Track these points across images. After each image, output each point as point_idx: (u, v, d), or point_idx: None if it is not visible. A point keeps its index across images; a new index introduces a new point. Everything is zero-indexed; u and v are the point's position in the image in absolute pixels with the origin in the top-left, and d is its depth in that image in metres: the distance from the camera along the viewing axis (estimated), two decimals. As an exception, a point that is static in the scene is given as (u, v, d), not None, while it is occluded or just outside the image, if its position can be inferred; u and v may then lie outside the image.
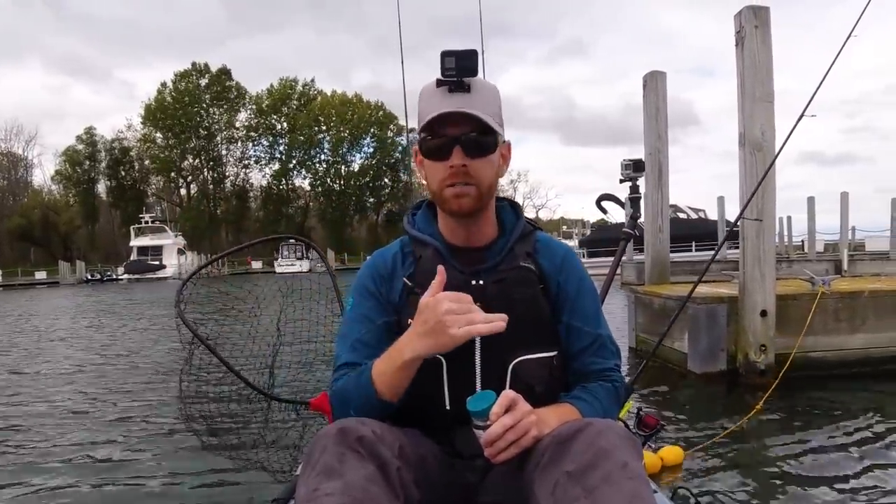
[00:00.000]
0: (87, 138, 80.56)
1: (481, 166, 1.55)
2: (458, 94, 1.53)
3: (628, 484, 1.20)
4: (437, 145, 1.56)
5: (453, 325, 1.35)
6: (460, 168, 1.53)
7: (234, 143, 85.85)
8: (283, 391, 3.10)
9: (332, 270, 3.19)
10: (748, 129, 6.44)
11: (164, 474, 4.41)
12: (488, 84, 1.60)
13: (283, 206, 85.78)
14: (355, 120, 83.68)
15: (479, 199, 1.57)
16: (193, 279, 3.04)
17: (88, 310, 22.37)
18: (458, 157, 1.53)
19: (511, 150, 1.68)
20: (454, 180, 1.55)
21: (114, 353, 10.76)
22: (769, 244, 6.56)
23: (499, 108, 1.60)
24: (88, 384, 7.90)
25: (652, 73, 8.88)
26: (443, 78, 1.53)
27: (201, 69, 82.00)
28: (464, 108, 1.51)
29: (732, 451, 4.52)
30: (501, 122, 1.60)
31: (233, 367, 2.84)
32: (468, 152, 1.53)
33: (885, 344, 6.83)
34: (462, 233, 1.65)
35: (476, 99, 1.54)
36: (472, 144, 1.53)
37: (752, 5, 6.34)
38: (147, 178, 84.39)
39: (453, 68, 1.52)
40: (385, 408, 1.50)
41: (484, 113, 1.53)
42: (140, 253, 62.80)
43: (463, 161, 1.53)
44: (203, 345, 2.79)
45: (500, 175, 1.64)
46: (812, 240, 19.13)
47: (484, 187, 1.57)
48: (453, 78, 1.52)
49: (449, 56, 1.51)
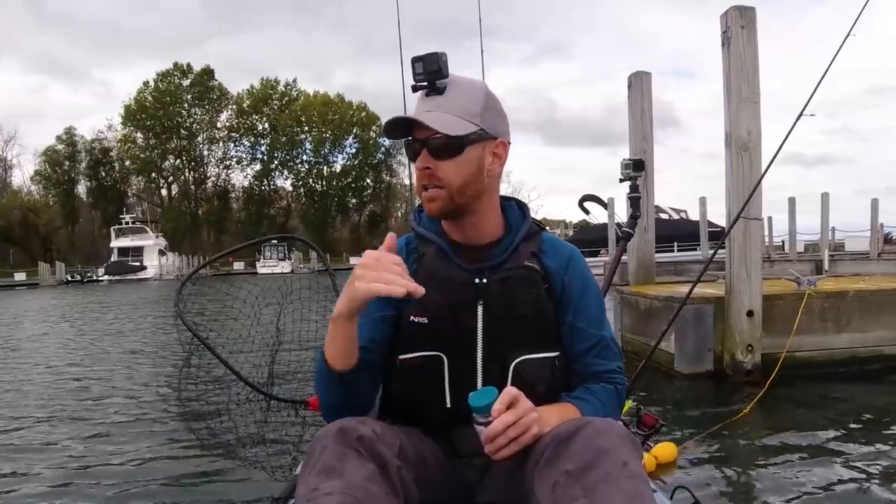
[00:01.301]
0: (66, 138, 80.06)
1: (450, 168, 1.55)
2: (431, 97, 1.56)
3: (628, 483, 1.20)
4: (409, 150, 1.60)
5: (360, 279, 1.34)
6: (425, 171, 1.56)
7: (215, 144, 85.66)
8: (283, 390, 3.09)
9: (332, 270, 3.16)
10: (734, 129, 6.44)
11: (163, 474, 4.38)
12: (468, 82, 1.59)
13: (264, 206, 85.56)
14: (337, 120, 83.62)
15: (449, 200, 1.57)
16: (192, 279, 2.99)
17: (72, 311, 22.16)
18: (424, 159, 1.55)
19: (506, 147, 1.64)
20: (423, 182, 1.58)
21: (107, 354, 10.65)
22: (756, 244, 6.57)
23: (478, 105, 1.57)
24: (84, 386, 7.81)
25: (637, 73, 8.89)
26: (414, 83, 1.56)
27: (183, 69, 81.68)
28: (430, 112, 1.54)
29: (725, 450, 4.52)
30: (485, 120, 1.58)
31: (232, 367, 2.85)
32: (434, 155, 1.54)
33: (871, 343, 6.86)
34: (458, 232, 1.65)
35: (448, 100, 1.55)
36: (437, 147, 1.54)
37: (739, 5, 6.35)
38: (128, 179, 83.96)
39: (422, 73, 1.54)
40: (339, 380, 1.49)
41: (451, 114, 1.53)
42: (120, 254, 62.46)
43: (428, 164, 1.55)
44: (202, 344, 2.78)
45: (490, 174, 1.61)
46: (793, 240, 19.27)
47: (454, 189, 1.56)
48: (423, 82, 1.55)
49: (417, 61, 1.54)
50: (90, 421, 5.94)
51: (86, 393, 7.33)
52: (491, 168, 1.60)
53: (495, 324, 1.58)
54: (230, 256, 55.48)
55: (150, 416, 6.02)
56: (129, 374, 8.54)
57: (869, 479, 3.89)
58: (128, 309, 22.10)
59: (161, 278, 58.04)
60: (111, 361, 9.76)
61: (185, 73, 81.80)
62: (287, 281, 3.31)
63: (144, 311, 20.38)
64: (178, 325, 2.81)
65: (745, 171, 6.38)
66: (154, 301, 26.47)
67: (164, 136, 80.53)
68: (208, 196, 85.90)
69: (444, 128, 1.52)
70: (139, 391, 7.28)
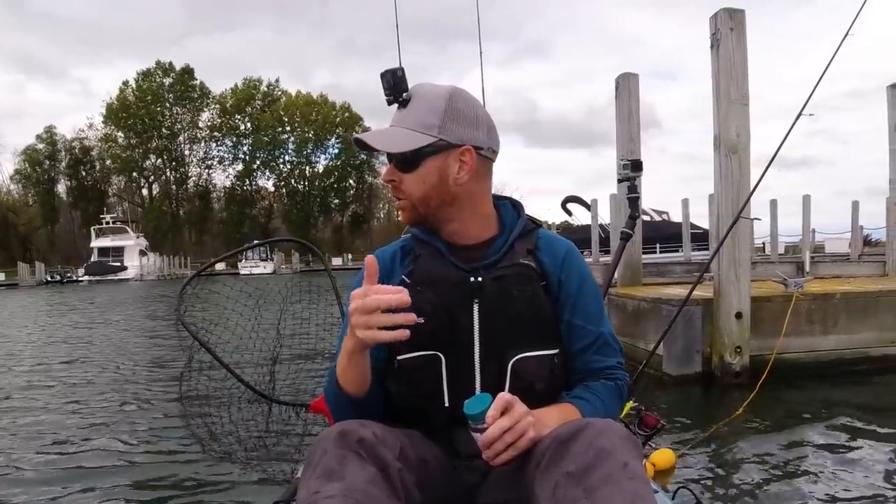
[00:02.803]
0: (47, 137, 79.75)
1: (411, 181, 1.59)
2: (399, 109, 1.60)
3: (629, 484, 1.19)
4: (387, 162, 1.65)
5: (360, 328, 1.33)
6: (391, 183, 1.63)
7: (197, 143, 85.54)
8: (284, 393, 3.09)
9: (332, 272, 3.14)
10: (723, 130, 6.46)
11: (164, 477, 4.38)
12: (431, 93, 1.59)
13: (246, 207, 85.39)
14: (320, 121, 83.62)
15: (414, 211, 1.62)
16: (193, 283, 2.96)
17: (59, 311, 22.01)
18: (390, 172, 1.62)
19: (473, 154, 1.59)
20: (391, 194, 1.67)
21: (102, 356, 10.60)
22: (745, 246, 6.60)
23: (438, 115, 1.55)
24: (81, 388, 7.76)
25: (624, 74, 8.92)
26: (386, 97, 1.59)
27: (165, 68, 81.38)
28: (394, 126, 1.59)
29: (721, 451, 4.55)
30: (445, 130, 1.56)
31: (233, 370, 2.84)
32: (399, 168, 1.60)
33: (857, 345, 6.92)
34: (452, 233, 1.65)
35: (409, 112, 1.58)
36: (398, 161, 1.59)
37: (729, 7, 6.37)
38: (108, 178, 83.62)
39: (386, 88, 1.58)
40: (354, 403, 1.51)
41: (408, 128, 1.56)
42: (101, 254, 62.02)
43: (392, 176, 1.61)
44: (203, 348, 2.78)
45: (459, 182, 1.59)
46: (775, 242, 19.35)
47: (414, 200, 1.60)
48: (390, 97, 1.58)
49: (383, 76, 1.57)
50: (88, 424, 5.90)
51: (83, 396, 7.26)
52: (458, 177, 1.59)
53: (491, 322, 1.56)
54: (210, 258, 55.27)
55: (150, 419, 6.00)
56: (128, 376, 8.49)
57: (863, 477, 3.95)
58: (117, 309, 22.02)
59: (142, 279, 57.75)
60: (106, 363, 9.69)
61: (166, 71, 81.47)
62: (287, 283, 3.30)
63: (128, 312, 20.28)
64: (178, 328, 2.80)
65: (735, 173, 6.39)
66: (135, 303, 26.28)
67: (145, 136, 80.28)
68: (189, 196, 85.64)
69: (393, 146, 1.57)
70: (138, 394, 7.25)
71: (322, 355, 3.22)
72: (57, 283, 55.69)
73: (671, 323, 4.66)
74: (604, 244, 16.91)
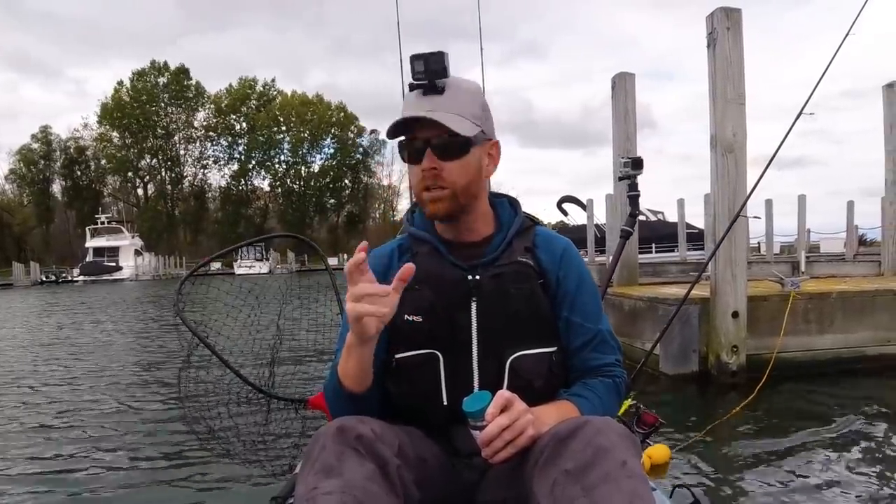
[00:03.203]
0: (42, 137, 79.68)
1: (454, 169, 1.55)
2: (430, 96, 1.54)
3: (627, 482, 1.20)
4: (410, 149, 1.57)
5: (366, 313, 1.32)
6: (431, 171, 1.54)
7: (192, 143, 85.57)
8: (283, 389, 3.08)
9: (331, 269, 3.13)
10: (720, 130, 6.45)
11: (162, 473, 4.39)
12: (466, 83, 1.59)
13: (241, 206, 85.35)
14: (315, 121, 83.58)
15: (453, 201, 1.57)
16: (192, 278, 2.96)
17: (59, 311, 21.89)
18: (429, 160, 1.54)
19: (500, 149, 1.67)
20: (427, 183, 1.56)
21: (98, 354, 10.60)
22: (741, 245, 6.60)
23: (479, 107, 1.58)
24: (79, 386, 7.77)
25: (621, 74, 8.89)
26: (413, 81, 1.55)
27: (160, 68, 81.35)
28: (432, 111, 1.50)
29: (718, 450, 4.56)
30: (484, 121, 1.59)
31: (232, 366, 2.85)
32: (439, 155, 1.53)
33: (853, 344, 6.92)
34: (452, 231, 1.65)
35: (448, 100, 1.54)
36: (442, 147, 1.53)
37: (725, 7, 6.36)
38: (103, 178, 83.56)
39: (423, 71, 1.53)
40: (355, 400, 1.49)
41: (456, 114, 1.52)
42: (96, 254, 61.87)
43: (434, 164, 1.54)
44: (202, 343, 2.78)
45: (486, 175, 1.63)
46: (770, 242, 19.35)
47: (458, 189, 1.56)
48: (423, 81, 1.53)
49: (417, 59, 1.52)
50: (87, 422, 5.91)
51: (81, 393, 7.28)
52: (487, 169, 1.62)
53: (489, 320, 1.57)
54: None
55: (148, 415, 6.01)
56: (126, 374, 8.49)
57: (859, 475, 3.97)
58: (112, 309, 21.98)
59: (137, 279, 57.59)
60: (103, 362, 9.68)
61: (161, 71, 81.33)
62: (287, 281, 3.29)
63: (133, 312, 20.23)
64: (177, 324, 2.81)
65: (731, 173, 6.39)
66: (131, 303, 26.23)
67: (140, 135, 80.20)
68: (185, 196, 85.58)
69: (458, 127, 1.51)
70: (136, 391, 7.25)
71: (321, 353, 3.22)
72: (52, 283, 55.46)
73: (669, 322, 4.65)
74: (600, 244, 16.93)
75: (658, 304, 7.07)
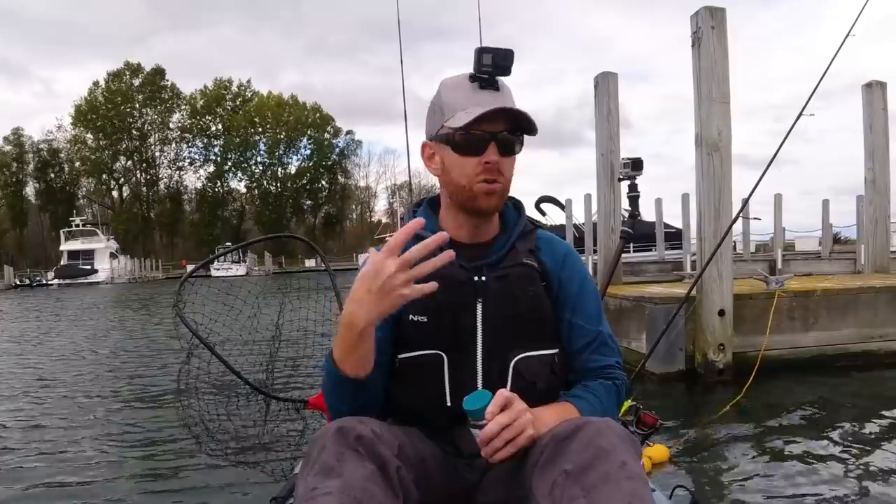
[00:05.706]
0: (14, 139, 78.59)
1: (509, 165, 1.56)
2: (489, 90, 1.53)
3: (627, 483, 1.19)
4: (473, 140, 1.52)
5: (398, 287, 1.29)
6: (495, 165, 1.52)
7: (167, 145, 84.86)
8: (282, 390, 3.11)
9: (331, 269, 3.11)
10: (705, 129, 6.49)
11: (162, 474, 4.42)
12: (508, 85, 1.60)
13: (218, 208, 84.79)
14: (292, 122, 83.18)
15: (503, 196, 1.59)
16: (191, 279, 2.93)
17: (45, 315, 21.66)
18: (493, 153, 1.52)
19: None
20: (487, 176, 1.53)
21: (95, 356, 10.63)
22: (727, 244, 6.63)
23: None
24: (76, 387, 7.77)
25: (603, 74, 8.93)
26: (478, 74, 1.52)
27: (134, 68, 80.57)
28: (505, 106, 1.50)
29: (713, 448, 4.61)
30: None
31: (232, 367, 2.82)
32: (502, 150, 1.53)
33: (837, 342, 7.00)
34: (469, 229, 1.63)
35: (508, 98, 1.54)
36: (506, 142, 1.53)
37: (710, 6, 6.39)
38: (77, 181, 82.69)
39: (489, 65, 1.51)
40: (358, 387, 1.45)
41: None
42: (71, 257, 61.15)
43: (496, 158, 1.52)
44: (202, 344, 2.76)
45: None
46: (746, 240, 19.52)
47: (508, 186, 1.58)
48: (485, 75, 1.52)
49: (487, 53, 1.51)
50: (85, 422, 5.92)
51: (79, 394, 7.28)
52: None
53: (494, 322, 1.56)
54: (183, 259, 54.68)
55: (148, 416, 6.01)
56: (123, 375, 8.49)
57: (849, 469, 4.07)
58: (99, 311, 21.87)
59: (113, 282, 57.08)
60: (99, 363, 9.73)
61: (135, 72, 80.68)
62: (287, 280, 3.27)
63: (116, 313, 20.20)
64: (177, 324, 2.78)
65: (716, 171, 6.42)
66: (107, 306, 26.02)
67: (115, 137, 79.45)
68: (160, 198, 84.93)
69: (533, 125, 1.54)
70: (134, 392, 7.26)
71: (321, 353, 3.19)
72: (27, 286, 54.76)
73: (669, 322, 4.68)
74: (578, 244, 16.96)
75: (644, 303, 7.09)
